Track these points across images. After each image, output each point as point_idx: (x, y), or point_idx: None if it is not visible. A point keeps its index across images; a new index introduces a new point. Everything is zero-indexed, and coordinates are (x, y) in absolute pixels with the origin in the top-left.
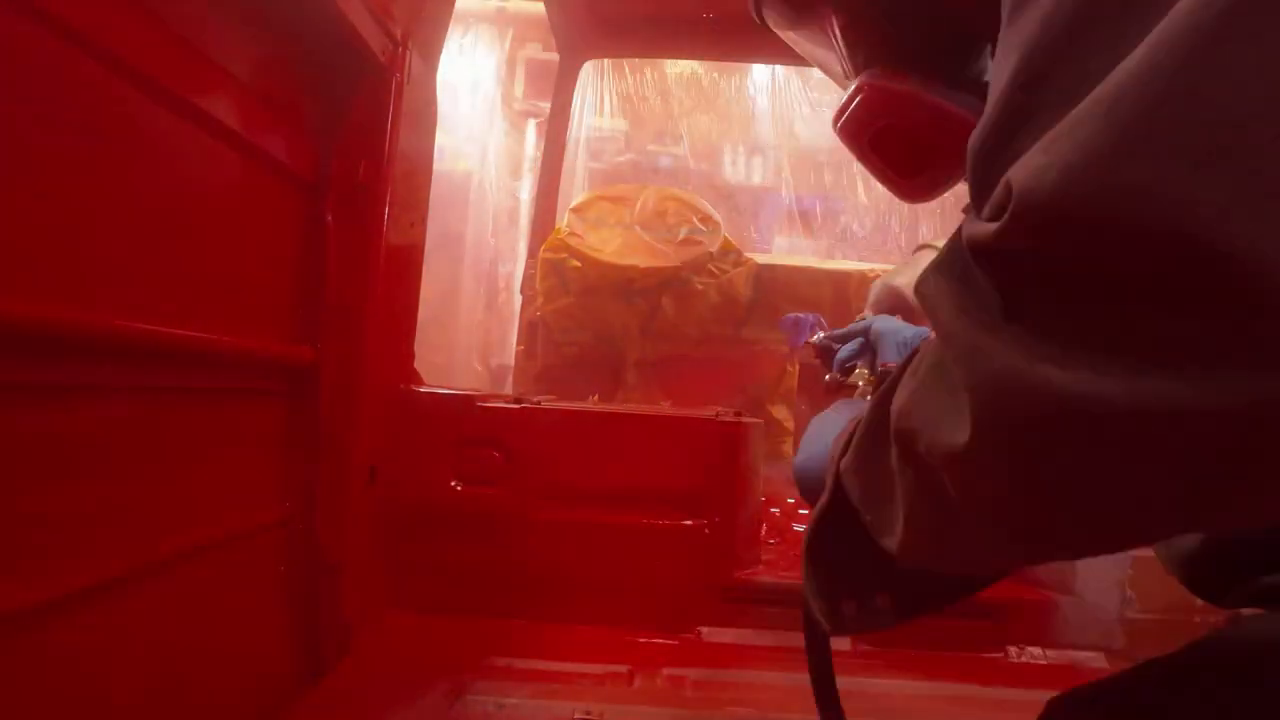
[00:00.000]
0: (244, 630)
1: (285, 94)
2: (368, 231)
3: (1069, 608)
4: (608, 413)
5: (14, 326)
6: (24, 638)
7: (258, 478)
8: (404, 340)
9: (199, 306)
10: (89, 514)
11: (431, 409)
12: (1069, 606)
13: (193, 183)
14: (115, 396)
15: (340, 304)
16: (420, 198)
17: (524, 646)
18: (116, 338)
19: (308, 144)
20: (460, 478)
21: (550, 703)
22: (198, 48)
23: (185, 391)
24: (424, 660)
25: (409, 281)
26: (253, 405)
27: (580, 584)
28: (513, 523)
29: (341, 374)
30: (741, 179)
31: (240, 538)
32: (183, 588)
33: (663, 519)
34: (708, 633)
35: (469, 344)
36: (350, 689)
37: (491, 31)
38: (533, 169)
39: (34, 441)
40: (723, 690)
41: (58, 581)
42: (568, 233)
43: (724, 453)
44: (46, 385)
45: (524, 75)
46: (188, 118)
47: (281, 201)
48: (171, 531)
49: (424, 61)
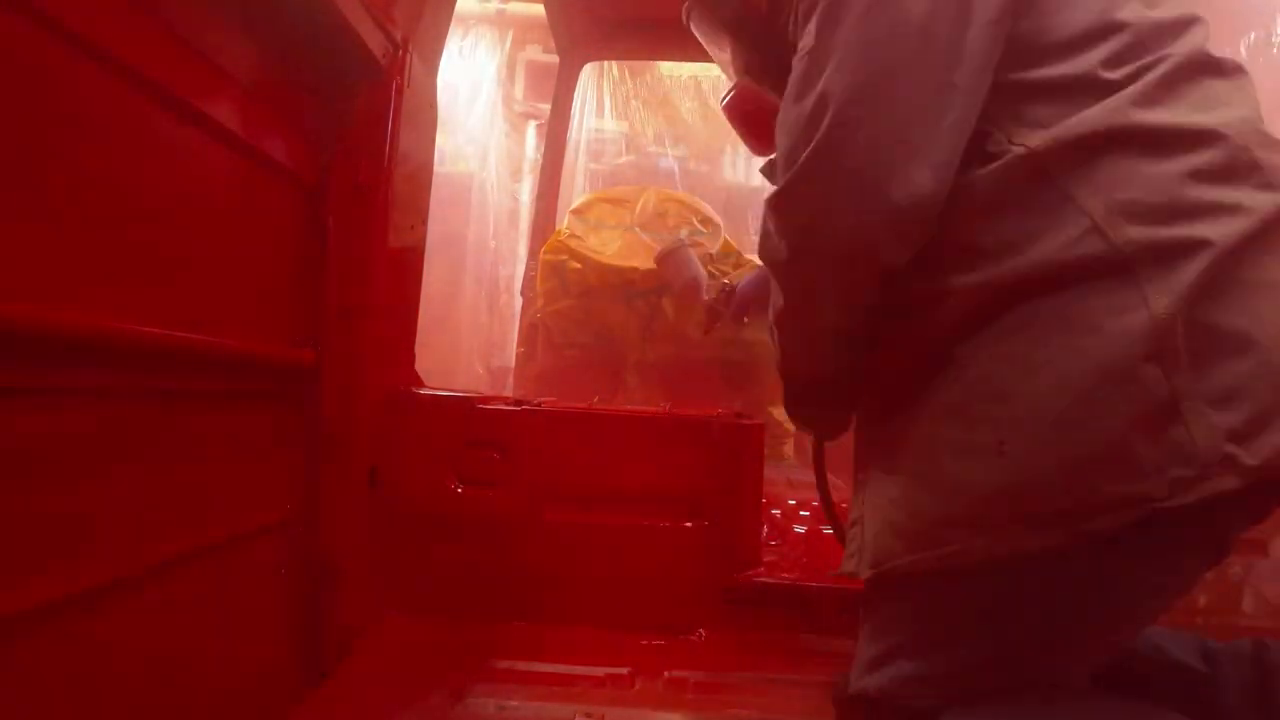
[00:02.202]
0: (245, 632)
1: (286, 96)
2: (368, 234)
3: None
4: (608, 414)
5: (15, 329)
6: (26, 639)
7: (258, 480)
8: (405, 342)
9: (200, 309)
10: (90, 516)
11: (432, 411)
12: None
13: (194, 185)
14: (114, 399)
15: (341, 306)
16: (421, 200)
17: (525, 648)
18: (115, 340)
19: (308, 146)
20: (461, 479)
21: (551, 705)
22: (199, 50)
23: (186, 394)
24: (425, 662)
25: (409, 283)
26: (253, 407)
27: (581, 585)
28: (513, 524)
29: (342, 376)
30: (741, 180)
31: (241, 540)
32: (184, 590)
33: (663, 520)
34: (709, 634)
35: (470, 346)
36: (351, 691)
37: (492, 34)
38: (533, 171)
39: (35, 444)
40: (724, 692)
41: (59, 583)
42: (568, 234)
43: (725, 454)
44: (47, 388)
45: (524, 77)
46: (189, 120)
47: (282, 204)
48: (172, 534)
49: (424, 64)
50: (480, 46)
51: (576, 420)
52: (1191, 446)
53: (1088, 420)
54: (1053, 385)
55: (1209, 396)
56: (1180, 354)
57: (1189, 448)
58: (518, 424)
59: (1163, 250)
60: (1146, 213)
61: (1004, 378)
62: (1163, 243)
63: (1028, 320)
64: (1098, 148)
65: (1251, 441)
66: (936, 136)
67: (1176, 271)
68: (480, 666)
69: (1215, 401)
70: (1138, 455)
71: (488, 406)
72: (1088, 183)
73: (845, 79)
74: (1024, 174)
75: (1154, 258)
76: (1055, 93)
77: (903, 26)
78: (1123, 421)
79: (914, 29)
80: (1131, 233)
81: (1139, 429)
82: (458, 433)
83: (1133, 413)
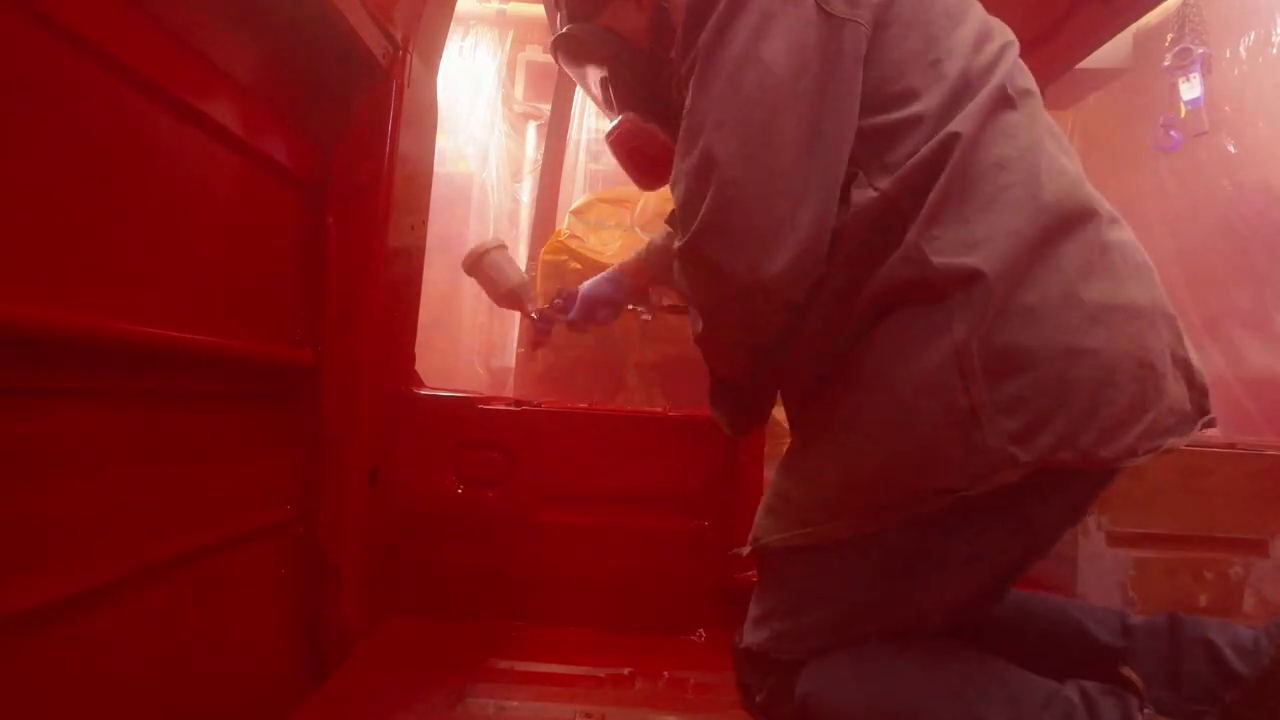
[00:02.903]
0: (246, 632)
1: (287, 98)
2: (369, 234)
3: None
4: (608, 414)
5: (18, 331)
6: (29, 639)
7: (259, 480)
8: (405, 342)
9: (201, 309)
10: (91, 517)
11: (432, 411)
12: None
13: (195, 186)
14: (114, 400)
15: (341, 306)
16: (421, 200)
17: (525, 649)
18: (116, 341)
19: (309, 147)
20: (461, 480)
21: (551, 705)
22: (200, 52)
23: (186, 395)
24: (425, 662)
25: (410, 284)
26: (254, 408)
27: (581, 586)
28: (513, 525)
29: (342, 376)
30: None
31: (241, 540)
32: (185, 590)
33: (664, 520)
34: (709, 634)
35: (470, 346)
36: (351, 692)
37: (492, 34)
38: (533, 171)
39: (36, 445)
40: (725, 693)
41: (61, 584)
42: (568, 235)
43: (725, 454)
44: (48, 389)
45: (524, 77)
46: (190, 122)
47: (283, 204)
48: (172, 534)
49: (424, 64)
50: (480, 47)
51: (577, 421)
52: (985, 447)
53: (910, 425)
54: (887, 396)
55: (999, 406)
56: (977, 371)
57: (983, 448)
58: (518, 424)
59: (961, 278)
60: (947, 245)
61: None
62: (956, 272)
63: (879, 340)
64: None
65: (1028, 442)
66: (813, 182)
67: (971, 297)
68: (480, 666)
69: (1004, 410)
70: (945, 455)
71: (488, 407)
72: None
73: (723, 138)
74: (878, 212)
75: (957, 284)
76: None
77: (770, 80)
78: (935, 427)
79: (781, 83)
80: (936, 262)
81: (947, 433)
82: (458, 433)
83: (943, 420)
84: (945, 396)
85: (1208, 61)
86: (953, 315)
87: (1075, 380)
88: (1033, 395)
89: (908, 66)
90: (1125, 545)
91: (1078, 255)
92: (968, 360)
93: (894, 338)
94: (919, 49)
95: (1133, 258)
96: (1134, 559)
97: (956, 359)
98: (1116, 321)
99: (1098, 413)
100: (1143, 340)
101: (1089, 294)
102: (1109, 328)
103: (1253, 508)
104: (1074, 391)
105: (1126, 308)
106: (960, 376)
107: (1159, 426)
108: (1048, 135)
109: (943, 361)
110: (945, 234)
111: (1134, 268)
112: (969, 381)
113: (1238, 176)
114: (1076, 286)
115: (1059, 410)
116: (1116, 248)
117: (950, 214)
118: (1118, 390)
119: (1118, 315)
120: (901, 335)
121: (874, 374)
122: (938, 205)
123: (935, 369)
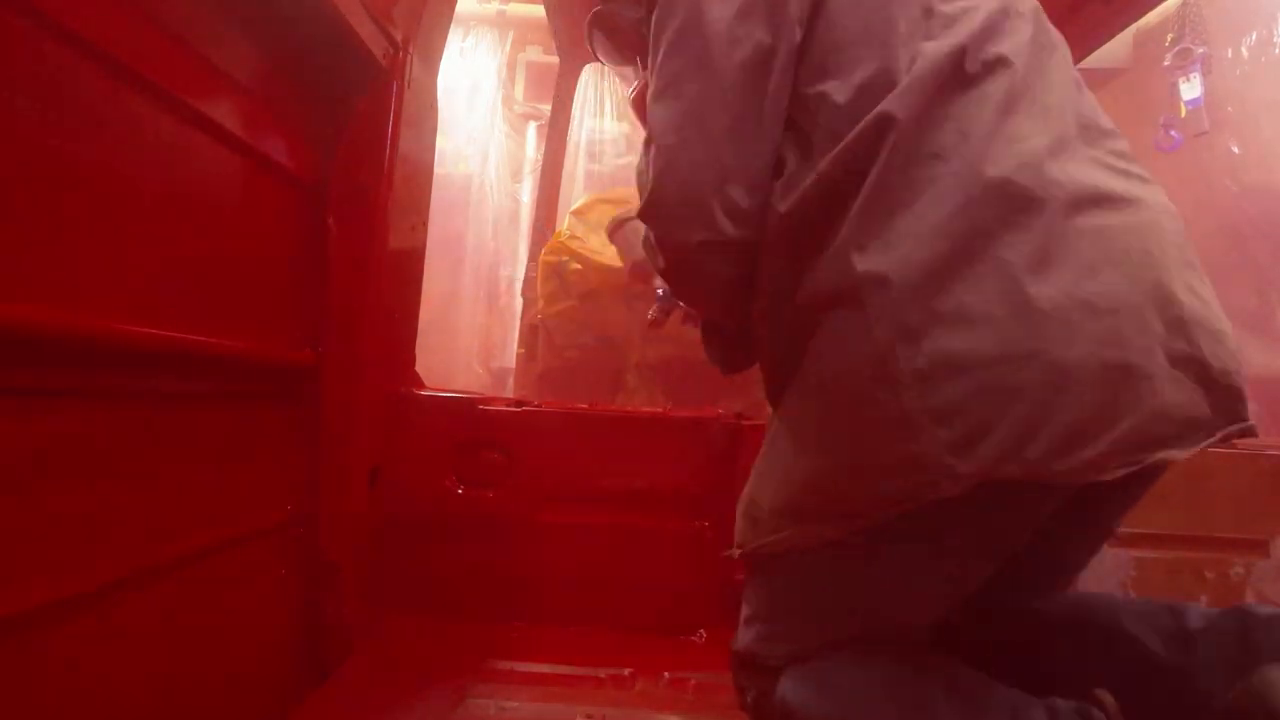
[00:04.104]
0: (247, 632)
1: (287, 98)
2: (369, 235)
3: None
4: (609, 415)
5: (18, 331)
6: (31, 639)
7: (259, 481)
8: (405, 343)
9: (201, 310)
10: (92, 517)
11: (432, 412)
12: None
13: (195, 187)
14: (115, 401)
15: (341, 307)
16: (421, 201)
17: (525, 649)
18: (116, 342)
19: (309, 148)
20: (461, 480)
21: (551, 705)
22: (200, 53)
23: (187, 395)
24: (425, 663)
25: (410, 284)
26: (254, 408)
27: (581, 586)
28: (514, 525)
29: (342, 377)
30: None
31: (242, 540)
32: (186, 590)
33: (664, 521)
34: (709, 634)
35: (470, 347)
36: (352, 692)
37: (492, 34)
38: (533, 171)
39: (36, 445)
40: (725, 693)
41: (61, 584)
42: (568, 235)
43: (725, 454)
44: (48, 390)
45: (524, 78)
46: (190, 122)
47: (283, 205)
48: (173, 535)
49: (424, 65)
50: (480, 47)
51: (577, 421)
52: (922, 458)
53: (852, 435)
54: (829, 405)
55: (933, 414)
56: (906, 378)
57: (920, 459)
58: (518, 425)
59: (875, 283)
60: (870, 246)
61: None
62: (870, 277)
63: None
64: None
65: (966, 452)
66: (746, 158)
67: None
68: (480, 666)
69: (938, 419)
70: (884, 465)
71: (488, 407)
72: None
73: (663, 111)
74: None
75: (871, 288)
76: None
77: (704, 56)
78: (874, 438)
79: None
80: (858, 265)
81: (885, 443)
82: (458, 433)
83: (880, 430)
84: (879, 406)
85: (1208, 61)
86: (872, 322)
87: (1018, 386)
88: (970, 403)
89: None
90: (1125, 545)
91: (1028, 245)
92: (893, 367)
93: (829, 343)
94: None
95: (1119, 242)
96: (1134, 559)
97: (883, 366)
98: (1075, 319)
99: (1048, 421)
100: (1116, 337)
101: (1040, 288)
102: (1065, 326)
103: (1254, 508)
104: (1017, 399)
105: (1091, 302)
106: (888, 385)
107: (1144, 436)
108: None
109: (871, 369)
110: (868, 233)
111: (1119, 253)
112: (899, 389)
113: (1240, 177)
114: (1023, 281)
115: (999, 420)
116: (1091, 233)
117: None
118: (1072, 396)
119: (1077, 312)
120: (834, 340)
121: (817, 381)
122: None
123: (867, 378)
